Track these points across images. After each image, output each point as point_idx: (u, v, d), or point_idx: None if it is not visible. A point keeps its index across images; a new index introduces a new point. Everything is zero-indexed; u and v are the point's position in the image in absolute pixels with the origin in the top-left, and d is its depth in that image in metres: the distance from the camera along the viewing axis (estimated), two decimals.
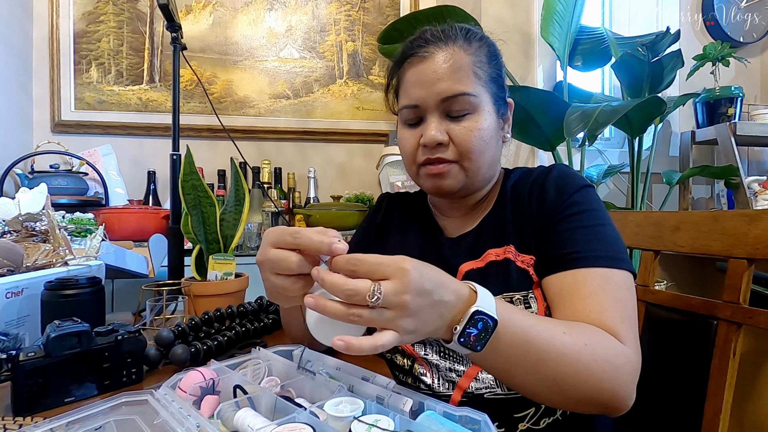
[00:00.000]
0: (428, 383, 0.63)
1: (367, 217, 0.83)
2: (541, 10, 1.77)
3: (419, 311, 0.39)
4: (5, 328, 0.62)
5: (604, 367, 0.47)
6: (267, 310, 0.84)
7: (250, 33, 2.05)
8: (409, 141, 0.65)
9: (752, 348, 0.91)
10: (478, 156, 0.62)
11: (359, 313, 0.38)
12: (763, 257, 0.63)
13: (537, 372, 0.46)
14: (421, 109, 0.63)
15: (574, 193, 0.60)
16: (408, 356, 0.66)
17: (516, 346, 0.45)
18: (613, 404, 0.48)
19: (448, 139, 0.61)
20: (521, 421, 0.59)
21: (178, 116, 1.03)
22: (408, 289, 0.38)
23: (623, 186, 2.03)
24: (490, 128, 0.63)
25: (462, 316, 0.41)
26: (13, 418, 0.46)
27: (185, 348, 0.61)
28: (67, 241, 0.81)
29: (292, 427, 0.35)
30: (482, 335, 0.42)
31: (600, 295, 0.52)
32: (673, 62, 1.62)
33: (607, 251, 0.55)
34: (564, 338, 0.46)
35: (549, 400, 0.49)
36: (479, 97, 0.61)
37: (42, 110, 1.85)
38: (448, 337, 0.43)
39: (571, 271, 0.55)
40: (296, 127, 2.08)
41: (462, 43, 0.63)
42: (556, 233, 0.59)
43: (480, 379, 0.59)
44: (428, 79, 0.61)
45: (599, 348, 0.47)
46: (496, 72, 0.65)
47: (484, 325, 0.41)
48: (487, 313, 0.41)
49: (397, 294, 0.37)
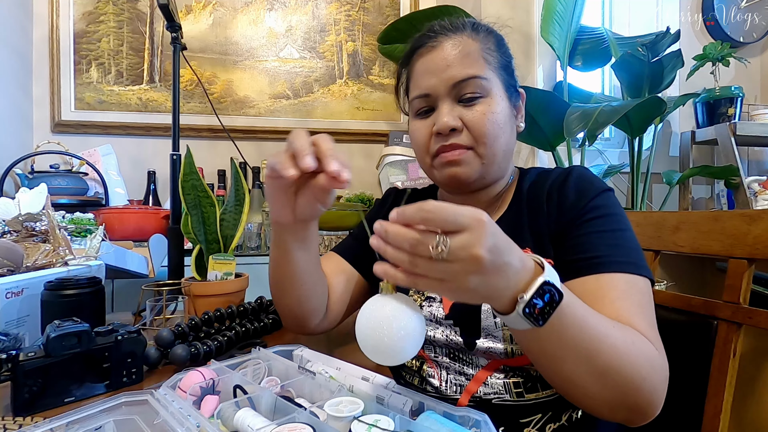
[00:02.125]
0: (436, 385, 0.62)
1: (372, 210, 0.82)
2: (541, 10, 1.77)
3: (486, 270, 0.36)
4: (5, 328, 0.62)
5: (646, 368, 0.46)
6: (267, 310, 0.84)
7: (250, 33, 2.05)
8: (422, 131, 0.64)
9: (752, 348, 0.91)
10: (492, 141, 0.60)
11: (419, 263, 0.36)
12: (763, 257, 0.62)
13: (588, 362, 0.44)
14: (432, 97, 0.62)
15: (595, 197, 0.59)
16: (418, 357, 0.65)
17: (573, 329, 0.42)
18: (646, 407, 0.47)
19: (461, 124, 0.60)
20: (527, 426, 0.58)
21: (178, 116, 1.03)
22: (483, 243, 0.35)
23: (623, 186, 2.03)
24: (503, 113, 0.61)
25: (528, 285, 0.39)
26: (13, 418, 0.46)
27: (185, 348, 0.61)
28: (67, 241, 0.81)
29: (292, 427, 0.35)
30: (547, 308, 0.40)
31: (625, 300, 0.51)
32: (673, 62, 1.62)
33: (628, 257, 0.54)
34: (615, 332, 0.45)
35: (588, 396, 0.46)
36: (490, 81, 0.61)
37: (42, 110, 1.85)
38: (508, 307, 0.40)
39: (594, 276, 0.53)
40: (296, 127, 2.07)
41: (470, 32, 0.63)
42: (577, 237, 0.57)
43: (489, 384, 0.59)
44: (438, 67, 0.61)
45: (643, 348, 0.46)
46: (505, 60, 0.65)
47: (551, 297, 0.40)
48: (555, 286, 0.40)
49: (468, 247, 0.35)
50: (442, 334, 0.62)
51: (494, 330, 0.58)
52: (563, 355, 0.44)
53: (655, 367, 0.47)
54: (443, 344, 0.62)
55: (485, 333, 0.59)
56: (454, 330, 0.61)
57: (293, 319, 0.66)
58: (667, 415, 0.67)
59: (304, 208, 0.52)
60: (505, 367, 0.59)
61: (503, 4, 1.90)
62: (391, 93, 2.16)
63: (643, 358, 0.46)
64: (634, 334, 0.47)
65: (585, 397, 0.47)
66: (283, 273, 0.60)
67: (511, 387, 0.58)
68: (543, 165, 1.92)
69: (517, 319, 0.40)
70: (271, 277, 0.63)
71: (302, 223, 0.55)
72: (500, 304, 0.40)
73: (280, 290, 0.63)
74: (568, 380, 0.46)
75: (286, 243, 0.57)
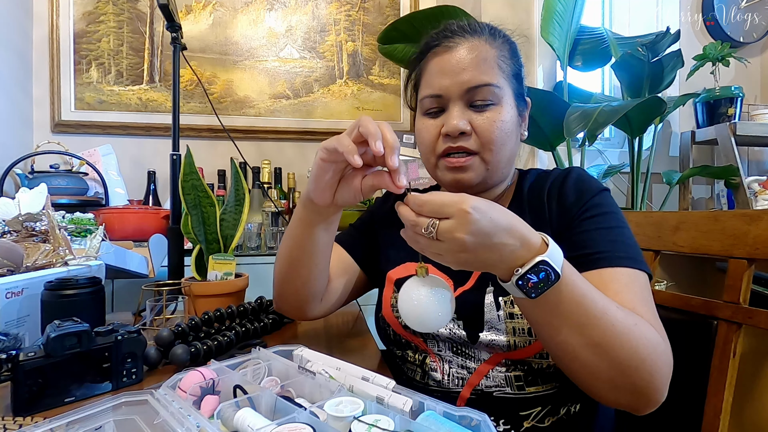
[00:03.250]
0: (438, 379, 0.63)
1: (373, 206, 0.83)
2: (541, 11, 1.77)
3: (475, 249, 0.42)
4: (5, 328, 0.62)
5: (647, 349, 0.47)
6: (267, 310, 0.84)
7: (250, 33, 2.05)
8: (429, 131, 0.64)
9: (752, 348, 0.91)
10: (499, 148, 0.62)
11: (417, 239, 0.45)
12: (763, 257, 0.62)
13: (582, 333, 0.47)
14: (444, 98, 0.63)
15: (594, 197, 0.61)
16: (421, 352, 0.66)
17: (568, 303, 0.46)
18: (647, 389, 0.48)
19: (470, 128, 0.61)
20: (526, 419, 0.59)
21: (178, 116, 1.03)
22: (464, 229, 0.41)
23: (623, 186, 2.03)
24: (511, 122, 0.63)
25: (526, 262, 0.44)
26: (13, 418, 0.46)
27: (185, 348, 0.61)
28: (67, 241, 0.81)
29: (292, 427, 0.35)
30: (541, 285, 0.44)
31: (628, 292, 0.53)
32: (673, 62, 1.62)
33: (628, 253, 0.56)
34: (617, 312, 0.48)
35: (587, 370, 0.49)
36: (503, 89, 0.62)
37: (42, 110, 1.85)
38: (505, 277, 0.45)
39: (596, 271, 0.55)
40: (296, 127, 2.08)
41: (487, 37, 0.63)
42: (579, 234, 0.59)
43: (491, 376, 0.60)
44: (453, 69, 0.61)
45: (645, 331, 0.48)
46: (517, 69, 0.66)
47: (546, 275, 0.44)
48: (552, 266, 0.44)
49: (451, 231, 0.42)
50: (446, 328, 0.63)
51: (497, 323, 0.60)
52: (558, 324, 0.48)
53: (657, 352, 0.48)
54: (447, 338, 0.64)
55: (488, 326, 0.60)
56: (457, 323, 0.63)
57: (295, 302, 0.68)
58: (668, 414, 0.67)
59: (345, 194, 0.55)
60: (507, 361, 0.60)
61: (503, 4, 1.90)
62: (391, 93, 2.15)
63: (644, 340, 0.48)
64: (638, 319, 0.49)
65: (584, 371, 0.49)
66: (302, 251, 0.62)
67: (513, 380, 0.59)
68: (543, 165, 1.92)
69: (512, 288, 0.45)
70: (286, 255, 0.64)
71: (336, 207, 0.57)
72: (499, 273, 0.46)
73: (293, 269, 0.65)
74: (564, 350, 0.49)
75: (313, 222, 0.60)
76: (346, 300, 0.76)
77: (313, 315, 0.71)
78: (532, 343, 0.58)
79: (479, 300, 0.61)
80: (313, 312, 0.70)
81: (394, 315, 0.68)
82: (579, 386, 0.52)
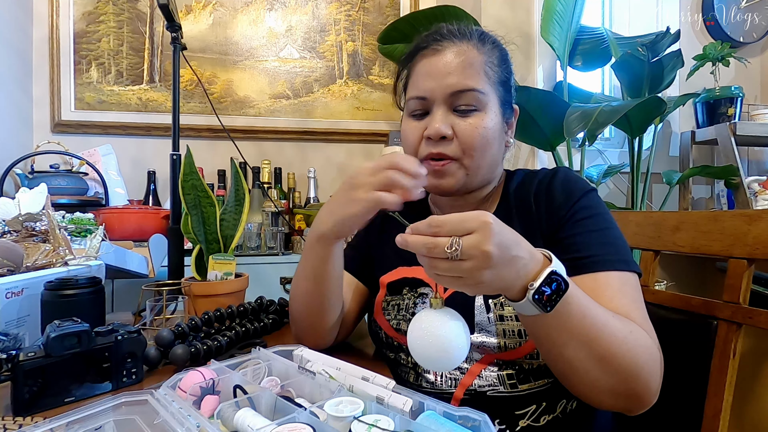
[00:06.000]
0: (431, 380, 0.63)
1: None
2: (541, 10, 1.77)
3: (498, 264, 0.41)
4: (5, 328, 0.62)
5: (644, 356, 0.49)
6: (267, 310, 0.84)
7: (250, 33, 2.05)
8: (413, 132, 0.65)
9: (752, 348, 0.91)
10: (479, 154, 0.62)
11: (436, 264, 0.42)
12: (763, 257, 0.62)
13: (590, 347, 0.47)
14: (429, 101, 0.63)
15: (581, 198, 0.62)
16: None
17: (577, 317, 0.47)
18: (644, 393, 0.49)
19: (452, 133, 0.61)
20: (522, 418, 0.59)
21: (178, 116, 1.03)
22: (490, 241, 0.40)
23: (623, 186, 2.03)
24: (494, 128, 0.63)
25: (537, 275, 0.44)
26: (13, 418, 0.46)
27: (185, 348, 0.61)
28: (67, 241, 0.81)
29: (292, 427, 0.35)
30: (554, 296, 0.44)
31: (622, 297, 0.54)
32: (673, 62, 1.62)
33: (618, 254, 0.57)
34: (614, 321, 0.49)
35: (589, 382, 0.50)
36: (487, 96, 0.62)
37: (42, 110, 1.85)
38: (519, 295, 0.44)
39: (590, 275, 0.56)
40: (296, 127, 2.07)
41: (476, 42, 0.63)
42: (570, 237, 0.59)
43: (483, 376, 0.60)
44: (439, 72, 0.62)
45: (640, 337, 0.50)
46: (505, 76, 0.66)
47: (558, 286, 0.44)
48: (561, 275, 0.44)
49: (478, 246, 0.40)
50: None
51: (488, 325, 0.60)
52: (566, 340, 0.48)
53: (652, 356, 0.50)
54: None
55: (479, 328, 0.60)
56: None
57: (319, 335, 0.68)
58: (667, 414, 0.67)
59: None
60: (499, 361, 0.60)
61: (503, 4, 1.90)
62: (391, 93, 2.15)
63: (640, 347, 0.49)
64: (632, 325, 0.51)
65: (586, 383, 0.50)
66: (322, 286, 0.63)
67: (505, 378, 0.60)
68: (543, 165, 1.92)
69: (527, 306, 0.44)
70: (305, 292, 0.65)
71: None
72: (512, 293, 0.45)
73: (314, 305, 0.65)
74: (570, 365, 0.49)
75: (330, 256, 0.62)
76: (359, 318, 0.77)
77: (335, 341, 0.71)
78: (523, 345, 0.58)
79: (470, 302, 0.61)
80: (336, 338, 0.71)
81: (385, 318, 0.68)
82: (576, 395, 0.53)
